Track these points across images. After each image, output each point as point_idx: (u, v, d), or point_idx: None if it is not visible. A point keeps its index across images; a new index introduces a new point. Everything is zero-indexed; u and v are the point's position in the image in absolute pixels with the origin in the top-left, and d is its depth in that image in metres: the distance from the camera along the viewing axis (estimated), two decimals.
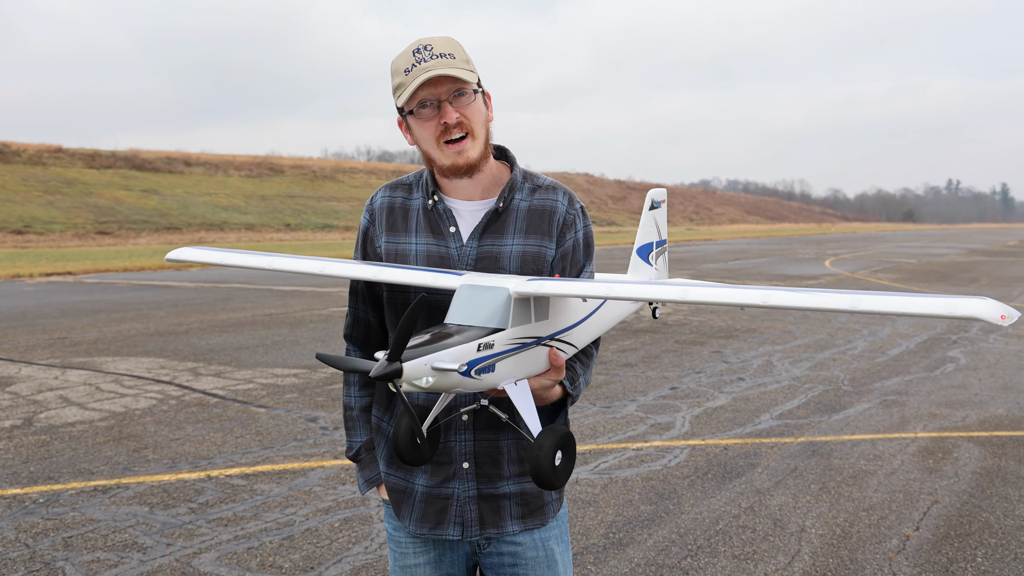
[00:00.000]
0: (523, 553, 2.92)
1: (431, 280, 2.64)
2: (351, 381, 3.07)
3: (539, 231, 2.84)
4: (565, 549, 3.02)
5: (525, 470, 2.88)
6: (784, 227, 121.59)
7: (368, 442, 3.06)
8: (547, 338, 2.64)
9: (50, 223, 51.41)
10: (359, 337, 3.04)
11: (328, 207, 72.81)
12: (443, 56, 2.67)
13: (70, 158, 67.57)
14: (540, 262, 2.82)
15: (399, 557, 2.99)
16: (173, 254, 3.17)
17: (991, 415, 9.70)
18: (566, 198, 2.91)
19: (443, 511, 2.87)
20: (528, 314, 2.54)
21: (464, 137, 2.72)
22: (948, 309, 2.19)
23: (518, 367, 2.55)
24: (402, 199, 2.93)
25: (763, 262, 38.05)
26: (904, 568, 5.68)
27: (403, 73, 2.69)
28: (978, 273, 32.46)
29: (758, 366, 12.41)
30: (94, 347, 13.72)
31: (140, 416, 9.32)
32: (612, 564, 5.68)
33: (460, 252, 2.81)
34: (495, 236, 2.82)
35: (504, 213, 2.83)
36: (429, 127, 2.73)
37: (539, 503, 2.92)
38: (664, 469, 7.60)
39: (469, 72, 2.71)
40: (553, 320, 2.66)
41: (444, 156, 2.74)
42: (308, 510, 6.53)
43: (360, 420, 3.07)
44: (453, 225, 2.83)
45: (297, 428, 8.84)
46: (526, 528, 2.90)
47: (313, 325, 16.35)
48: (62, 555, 5.69)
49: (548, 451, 2.45)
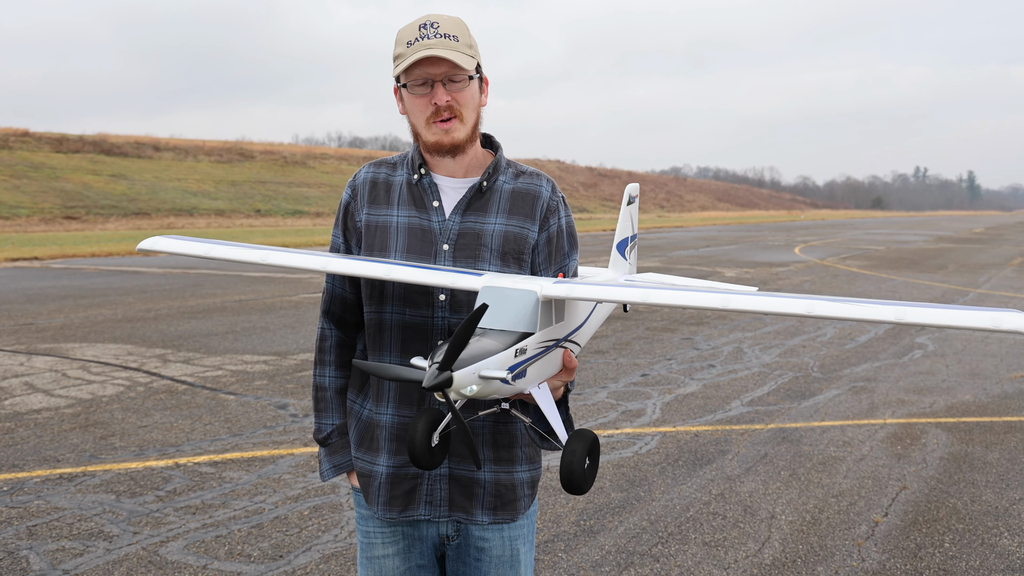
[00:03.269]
0: (490, 550, 2.90)
1: (450, 280, 2.58)
2: (326, 361, 3.02)
3: (522, 213, 2.85)
4: (529, 549, 3.01)
5: (501, 456, 2.87)
6: (754, 214, 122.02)
7: (341, 427, 3.01)
8: (563, 339, 2.63)
9: (16, 208, 50.84)
10: (335, 313, 3.01)
11: (299, 193, 72.38)
12: (447, 37, 2.70)
13: (37, 142, 66.77)
14: (522, 243, 2.83)
15: (366, 548, 2.96)
16: (145, 243, 3.00)
17: (958, 401, 9.77)
18: (549, 185, 2.94)
19: (412, 491, 2.85)
20: (550, 317, 2.51)
21: (452, 119, 2.75)
22: (992, 323, 2.20)
23: (543, 370, 2.53)
24: (386, 175, 2.93)
25: (734, 249, 38.19)
26: (873, 554, 5.71)
27: (405, 45, 2.72)
28: (945, 260, 32.71)
29: (728, 353, 12.45)
30: (60, 333, 13.58)
31: (107, 403, 9.23)
32: (583, 551, 5.68)
33: (442, 226, 2.81)
34: (478, 213, 2.82)
35: (488, 192, 2.85)
36: (420, 104, 2.76)
37: (512, 496, 2.90)
38: (635, 456, 7.61)
39: (468, 58, 2.74)
40: (568, 321, 2.64)
41: (431, 133, 2.77)
42: (277, 498, 6.49)
43: (334, 402, 3.02)
44: (437, 199, 2.84)
45: (266, 415, 8.78)
46: (496, 521, 2.88)
47: (283, 311, 16.26)
48: (26, 544, 5.62)
49: (580, 457, 2.40)
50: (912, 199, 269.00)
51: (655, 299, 2.53)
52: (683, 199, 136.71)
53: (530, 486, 2.96)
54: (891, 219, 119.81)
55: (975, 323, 2.23)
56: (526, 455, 2.92)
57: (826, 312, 2.35)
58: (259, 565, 5.37)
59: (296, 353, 11.99)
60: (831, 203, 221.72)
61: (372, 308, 2.88)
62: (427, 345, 2.78)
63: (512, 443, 2.89)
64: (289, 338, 13.24)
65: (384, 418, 2.86)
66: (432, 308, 2.79)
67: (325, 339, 3.02)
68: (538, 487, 3.03)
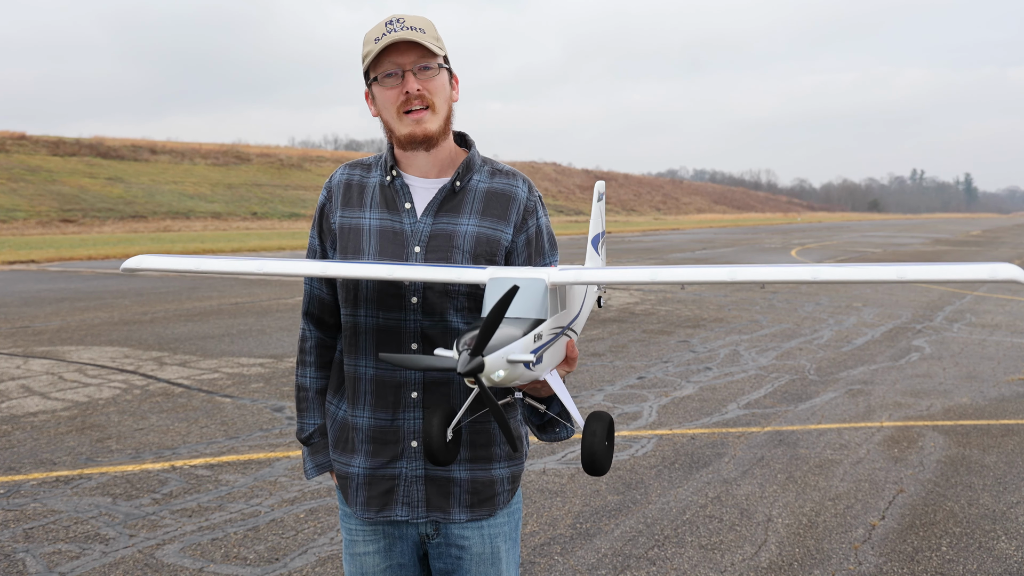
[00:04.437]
0: (470, 548, 2.89)
1: (455, 275, 2.58)
2: (307, 362, 3.04)
3: (495, 214, 2.83)
4: (512, 547, 2.99)
5: (477, 455, 2.86)
6: (750, 216, 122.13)
7: (322, 427, 3.03)
8: (567, 327, 2.64)
9: (13, 211, 50.81)
10: (314, 314, 3.02)
11: (295, 196, 72.40)
12: (413, 29, 2.70)
13: (34, 145, 66.78)
14: (494, 245, 2.81)
15: (349, 544, 2.97)
16: (130, 263, 2.86)
17: (955, 404, 9.77)
18: (526, 185, 2.92)
19: (389, 492, 2.85)
20: (557, 304, 2.52)
21: (425, 109, 2.74)
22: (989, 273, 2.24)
23: (554, 357, 2.54)
24: (360, 176, 2.93)
25: (730, 251, 38.20)
26: (870, 557, 5.70)
27: (373, 42, 2.72)
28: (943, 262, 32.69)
29: (725, 355, 12.45)
30: (57, 336, 13.57)
31: (104, 406, 9.22)
32: (579, 555, 5.67)
33: (413, 228, 2.80)
34: (451, 214, 2.81)
35: (461, 192, 2.83)
36: (391, 96, 2.75)
37: (489, 493, 2.89)
38: (631, 459, 7.60)
39: (436, 47, 2.73)
40: (569, 309, 2.66)
41: (402, 125, 2.75)
42: (273, 501, 6.48)
43: (315, 402, 3.04)
44: (408, 201, 2.82)
45: (263, 418, 8.77)
46: (473, 517, 2.88)
47: (279, 314, 16.25)
48: (22, 547, 5.61)
49: (601, 437, 2.42)
50: (909, 201, 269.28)
51: (663, 277, 2.55)
52: (679, 202, 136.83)
53: (510, 481, 2.94)
54: (888, 221, 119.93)
55: (972, 275, 2.29)
56: (504, 452, 2.91)
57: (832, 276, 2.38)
58: (255, 568, 5.36)
59: (292, 356, 11.97)
60: (828, 205, 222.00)
61: (347, 311, 2.88)
62: (400, 348, 2.79)
63: (489, 442, 2.88)
64: (285, 341, 13.23)
65: (360, 420, 2.87)
66: (405, 311, 2.79)
67: (306, 340, 3.04)
68: (519, 483, 3.02)
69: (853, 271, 2.38)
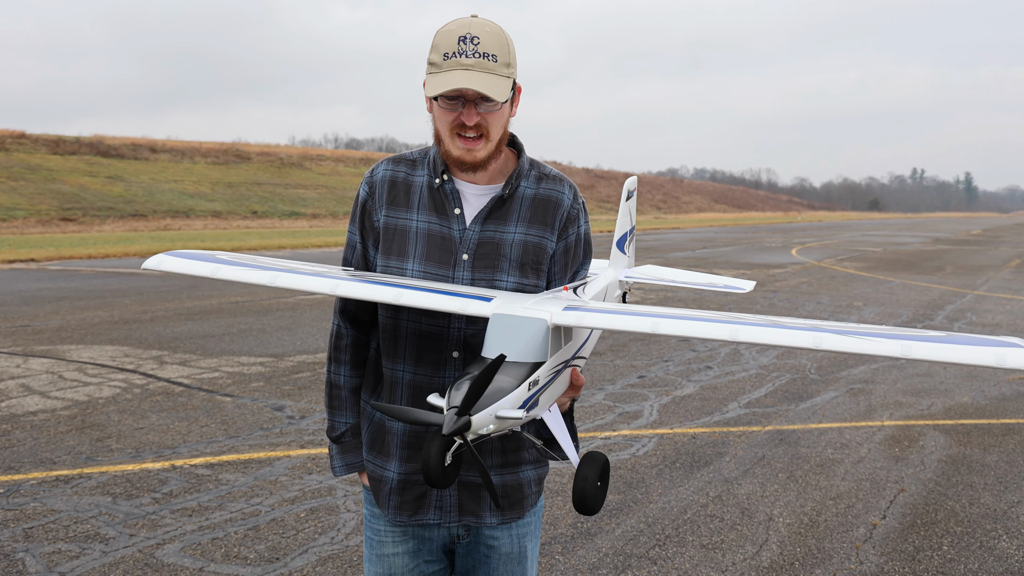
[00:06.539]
0: (499, 548, 2.92)
1: (459, 306, 2.52)
2: (342, 360, 2.98)
3: (542, 222, 2.81)
4: (535, 544, 3.03)
5: (508, 461, 2.87)
6: (751, 215, 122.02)
7: (355, 426, 2.99)
8: (572, 359, 2.61)
9: (13, 210, 50.78)
10: (350, 311, 2.95)
11: (295, 195, 72.32)
12: (485, 56, 2.59)
13: (33, 144, 66.70)
14: (540, 253, 2.80)
15: (376, 545, 2.95)
16: (151, 262, 2.87)
17: (956, 403, 9.76)
18: (571, 192, 2.89)
19: (422, 497, 2.84)
20: (559, 341, 2.50)
21: (479, 138, 2.68)
22: (996, 360, 2.23)
23: (553, 394, 2.53)
24: (405, 174, 2.86)
25: (731, 250, 38.18)
26: (871, 557, 5.70)
27: (441, 56, 2.61)
28: (943, 262, 32.72)
29: (726, 355, 12.44)
30: (57, 335, 13.55)
31: (104, 405, 9.21)
32: (580, 554, 5.67)
33: (463, 235, 2.76)
34: (498, 222, 2.78)
35: (509, 200, 2.80)
36: (448, 117, 2.67)
37: (519, 495, 2.91)
38: (632, 458, 7.60)
39: (505, 80, 2.64)
40: (574, 340, 2.63)
41: (454, 148, 2.69)
42: (274, 500, 6.47)
43: (348, 401, 2.99)
44: (458, 207, 2.78)
45: (263, 417, 8.77)
46: (504, 521, 2.89)
47: (280, 313, 16.24)
48: (22, 546, 5.60)
49: (593, 481, 2.43)
50: (909, 200, 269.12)
51: (664, 330, 2.45)
52: (680, 200, 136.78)
53: (536, 483, 2.96)
54: (888, 220, 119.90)
55: (978, 360, 2.26)
56: (532, 456, 2.92)
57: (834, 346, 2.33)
58: (255, 567, 5.36)
59: (292, 355, 11.97)
60: (828, 204, 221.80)
61: (387, 313, 2.84)
62: (441, 356, 2.76)
63: (520, 447, 2.89)
64: (286, 340, 13.22)
65: (396, 425, 2.85)
66: (449, 317, 2.75)
67: (341, 337, 2.97)
68: (544, 484, 3.03)
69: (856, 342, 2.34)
